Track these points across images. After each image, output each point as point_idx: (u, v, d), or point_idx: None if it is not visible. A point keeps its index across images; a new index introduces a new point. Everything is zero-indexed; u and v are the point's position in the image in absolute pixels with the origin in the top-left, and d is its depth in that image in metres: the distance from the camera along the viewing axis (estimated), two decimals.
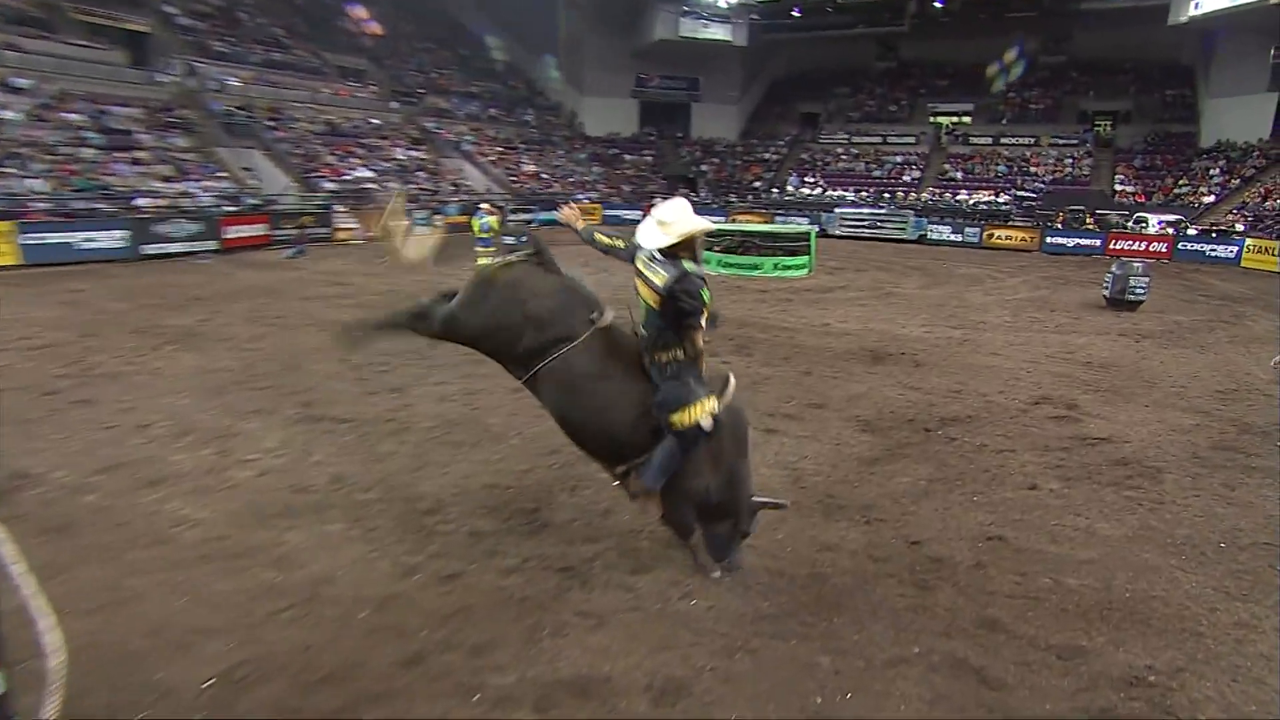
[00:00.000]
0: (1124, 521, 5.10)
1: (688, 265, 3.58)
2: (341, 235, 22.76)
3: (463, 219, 24.92)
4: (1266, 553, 4.69)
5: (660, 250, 3.70)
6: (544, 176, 35.60)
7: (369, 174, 27.16)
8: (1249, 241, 23.65)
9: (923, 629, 3.82)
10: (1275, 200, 26.75)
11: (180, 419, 6.48)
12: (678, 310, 3.59)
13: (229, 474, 5.40)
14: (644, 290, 3.82)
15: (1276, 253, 22.26)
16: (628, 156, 40.90)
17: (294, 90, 28.93)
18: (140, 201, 19.01)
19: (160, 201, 19.47)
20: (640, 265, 3.83)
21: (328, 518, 4.79)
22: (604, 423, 3.88)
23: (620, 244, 4.14)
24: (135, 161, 20.60)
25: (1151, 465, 6.13)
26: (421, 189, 28.38)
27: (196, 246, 18.64)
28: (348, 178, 26.19)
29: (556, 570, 4.26)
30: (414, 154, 30.62)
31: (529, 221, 27.18)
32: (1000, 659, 3.59)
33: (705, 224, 3.65)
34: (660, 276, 3.60)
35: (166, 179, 20.63)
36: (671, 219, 3.60)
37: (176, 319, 10.65)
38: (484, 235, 18.09)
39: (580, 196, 34.62)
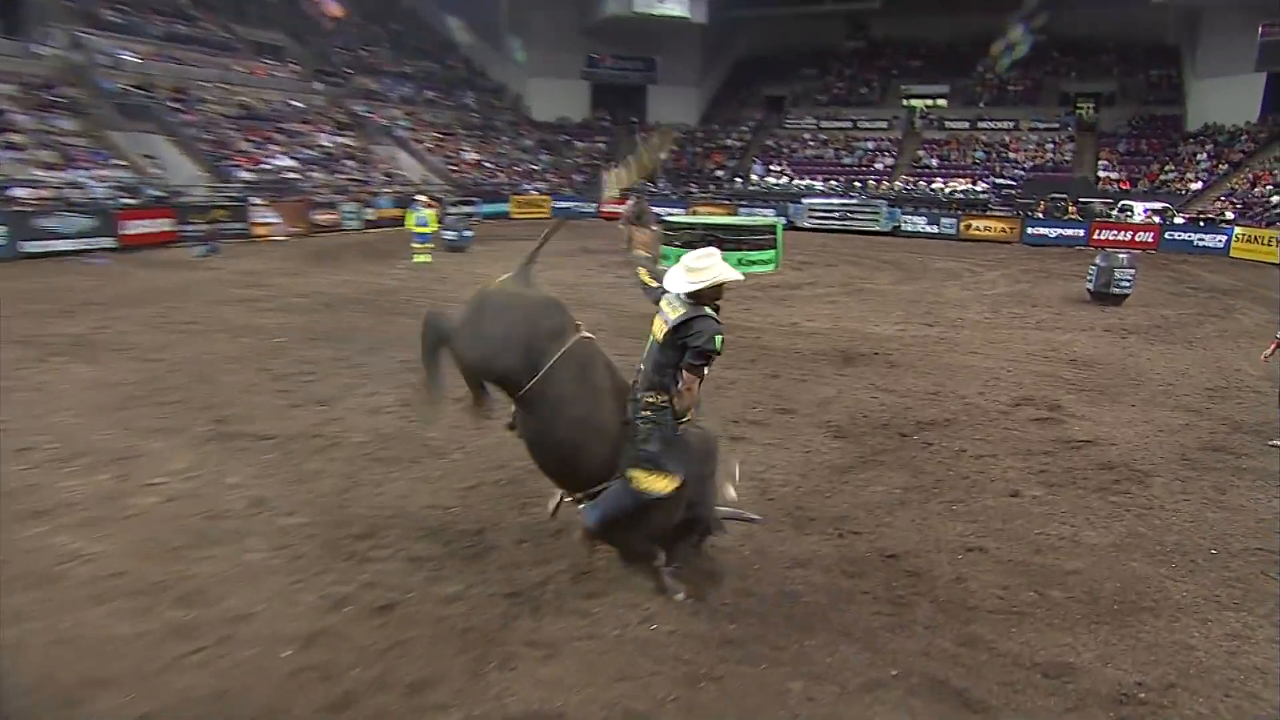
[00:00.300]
0: (1111, 529, 5.26)
1: (709, 310, 3.79)
2: (260, 231, 22.27)
3: (397, 213, 24.67)
4: (1259, 559, 4.88)
5: (685, 295, 3.84)
6: (487, 165, 35.39)
7: (290, 162, 26.65)
8: (1238, 230, 24.66)
9: (900, 649, 3.88)
10: (1265, 187, 27.99)
11: (70, 440, 6.26)
12: (683, 346, 3.74)
13: (129, 501, 5.23)
14: (656, 324, 3.98)
15: (1267, 242, 23.23)
16: (579, 143, 40.91)
17: (201, 68, 28.22)
18: (18, 192, 18.31)
19: (43, 192, 18.77)
20: (663, 304, 3.99)
21: (246, 546, 4.67)
22: (577, 449, 3.93)
23: (654, 285, 4.22)
24: (10, 146, 19.82)
25: (1139, 468, 6.34)
26: (350, 179, 27.95)
27: (89, 244, 18.04)
28: (266, 166, 25.66)
29: (504, 596, 4.23)
30: (341, 140, 30.15)
31: (470, 215, 26.96)
32: (983, 679, 3.67)
33: (734, 274, 3.85)
34: (676, 312, 3.80)
35: (49, 166, 19.91)
36: (700, 265, 3.77)
37: (66, 326, 10.28)
38: (421, 230, 17.93)
39: (527, 187, 34.53)
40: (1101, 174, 33.15)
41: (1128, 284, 14.19)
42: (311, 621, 3.97)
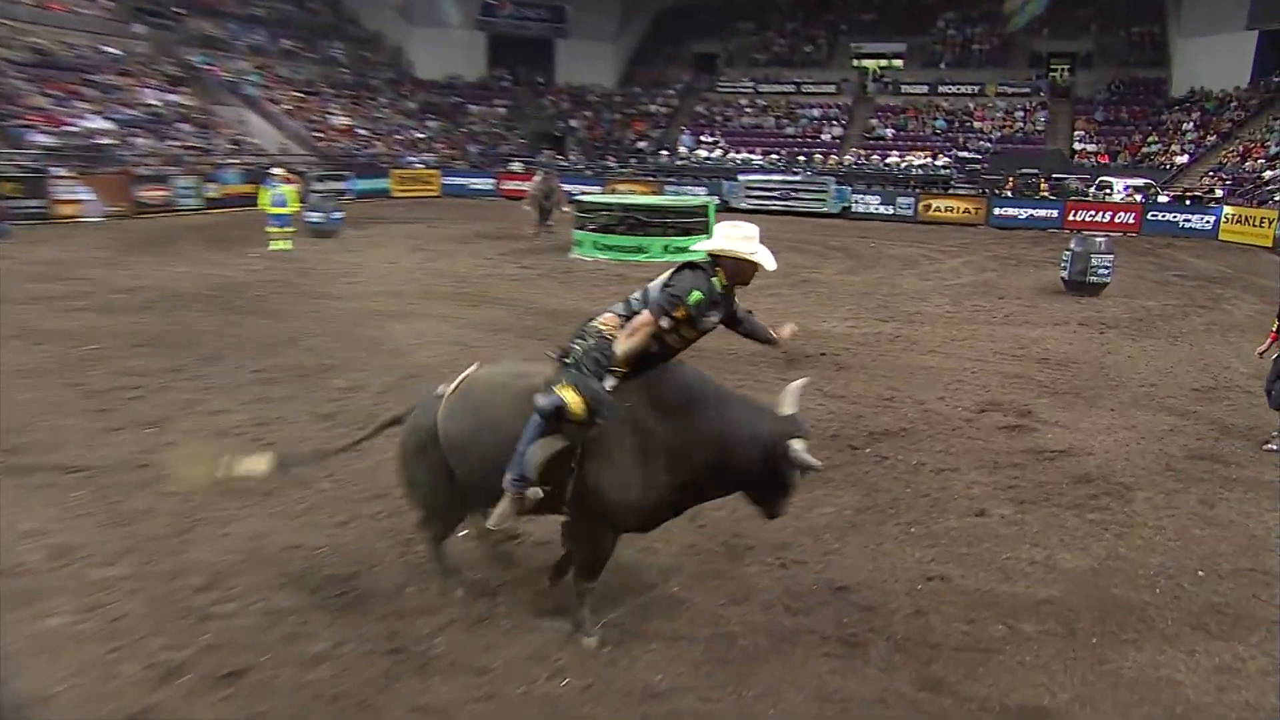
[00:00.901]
0: (1088, 551, 5.51)
1: (717, 283, 4.13)
2: (66, 210, 21.27)
3: (248, 189, 23.96)
4: (1249, 580, 5.17)
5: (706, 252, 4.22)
6: (361, 132, 34.76)
7: (105, 125, 25.55)
8: (1227, 210, 26.15)
9: (853, 696, 3.97)
10: (1257, 160, 29.83)
11: None
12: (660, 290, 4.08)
13: None
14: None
15: (1259, 223, 24.76)
16: (474, 107, 40.61)
17: None
18: None
19: None
20: None
21: (46, 609, 4.45)
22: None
23: None
24: None
25: (1119, 481, 6.66)
26: (185, 147, 26.99)
27: None
28: (72, 129, 24.52)
29: (383, 654, 4.16)
30: (173, 99, 29.10)
31: (340, 193, 26.43)
32: None
33: (762, 259, 4.20)
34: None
35: None
36: (742, 233, 4.23)
37: None
38: (278, 211, 17.48)
39: (410, 159, 34.04)
40: (1077, 146, 34.84)
41: (1106, 272, 14.93)
42: (134, 698, 3.81)
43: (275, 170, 19.20)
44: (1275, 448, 7.43)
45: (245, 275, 14.55)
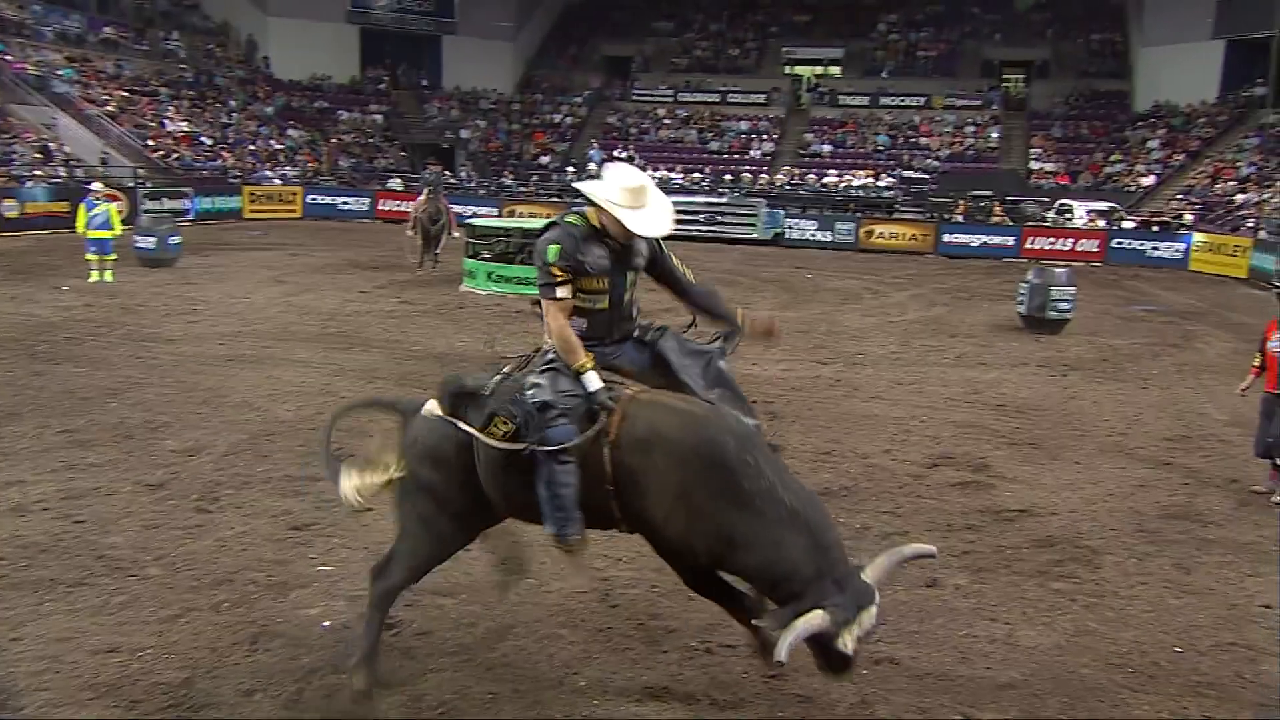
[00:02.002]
0: (1054, 625, 5.63)
1: (572, 218, 4.22)
2: None
3: (59, 208, 23.22)
4: (1231, 657, 5.35)
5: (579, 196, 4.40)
6: (204, 142, 34.08)
7: None
8: (1197, 237, 27.58)
9: None
10: (1227, 183, 31.55)
11: None
12: None
13: None
14: None
15: (1231, 251, 26.11)
16: (344, 114, 40.30)
17: None
18: None
19: None
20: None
21: None
22: None
23: None
24: None
25: (1086, 545, 6.85)
26: None
27: None
28: None
29: None
30: None
31: (179, 214, 25.81)
32: None
33: (631, 221, 4.11)
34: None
35: None
36: (633, 183, 4.17)
37: None
38: (98, 235, 17.00)
39: (267, 174, 33.51)
40: (1034, 165, 36.30)
41: (1067, 306, 15.50)
42: None
43: (95, 185, 18.71)
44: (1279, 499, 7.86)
45: (55, 314, 14.05)
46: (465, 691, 4.71)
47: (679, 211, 19.04)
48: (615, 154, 38.58)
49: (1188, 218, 29.50)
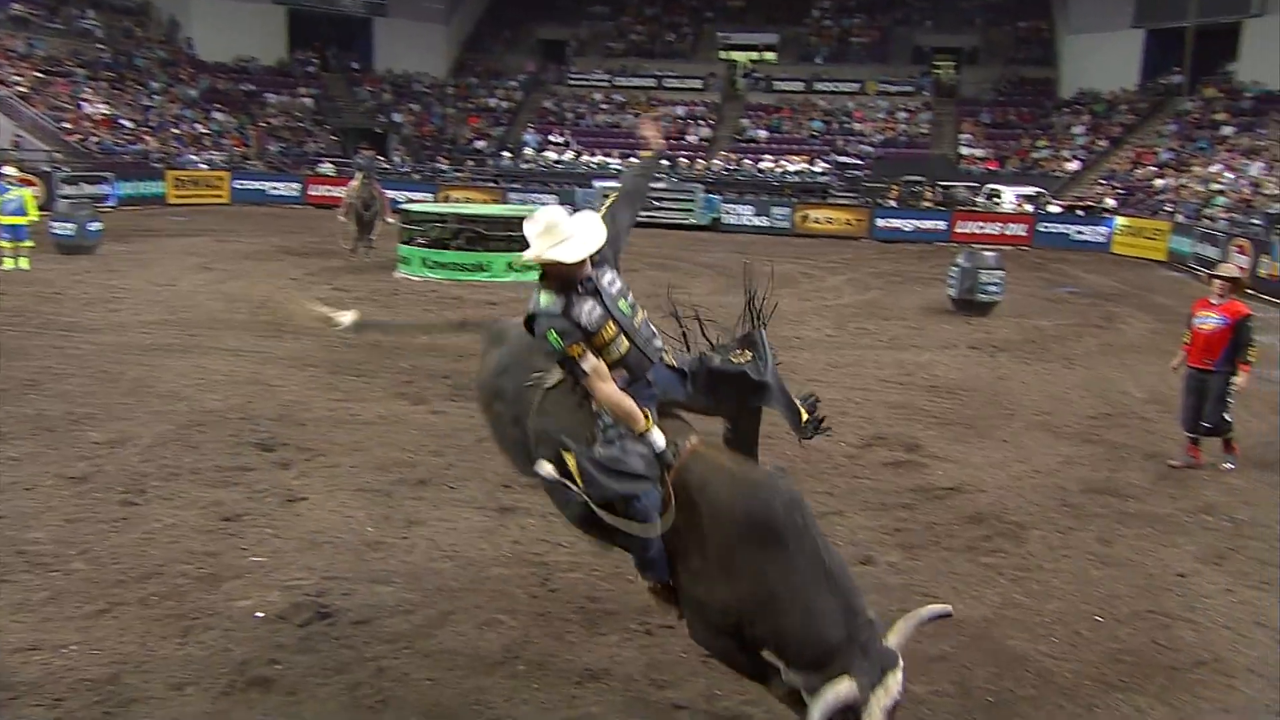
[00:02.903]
0: (982, 599, 5.80)
1: (543, 299, 3.96)
2: None
3: None
4: (1148, 624, 5.58)
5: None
6: (125, 124, 33.17)
7: None
8: (1120, 221, 28.38)
9: None
10: (1147, 168, 32.43)
11: None
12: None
13: None
14: None
15: (1152, 235, 26.90)
16: (272, 97, 39.54)
17: None
18: None
19: None
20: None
21: None
22: None
23: None
24: None
25: (1013, 520, 7.06)
26: None
27: None
28: None
29: None
30: None
31: (98, 199, 25.18)
32: None
33: (557, 254, 3.89)
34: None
35: None
36: (538, 228, 3.96)
37: None
38: (12, 221, 16.60)
39: (192, 158, 32.78)
40: (964, 151, 36.93)
41: (996, 289, 15.85)
42: None
43: (7, 169, 18.19)
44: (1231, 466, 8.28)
45: None
46: (404, 679, 4.72)
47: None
48: (550, 139, 38.41)
49: (1109, 202, 30.22)
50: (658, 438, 3.86)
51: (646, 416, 3.87)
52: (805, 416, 4.51)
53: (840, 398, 10.27)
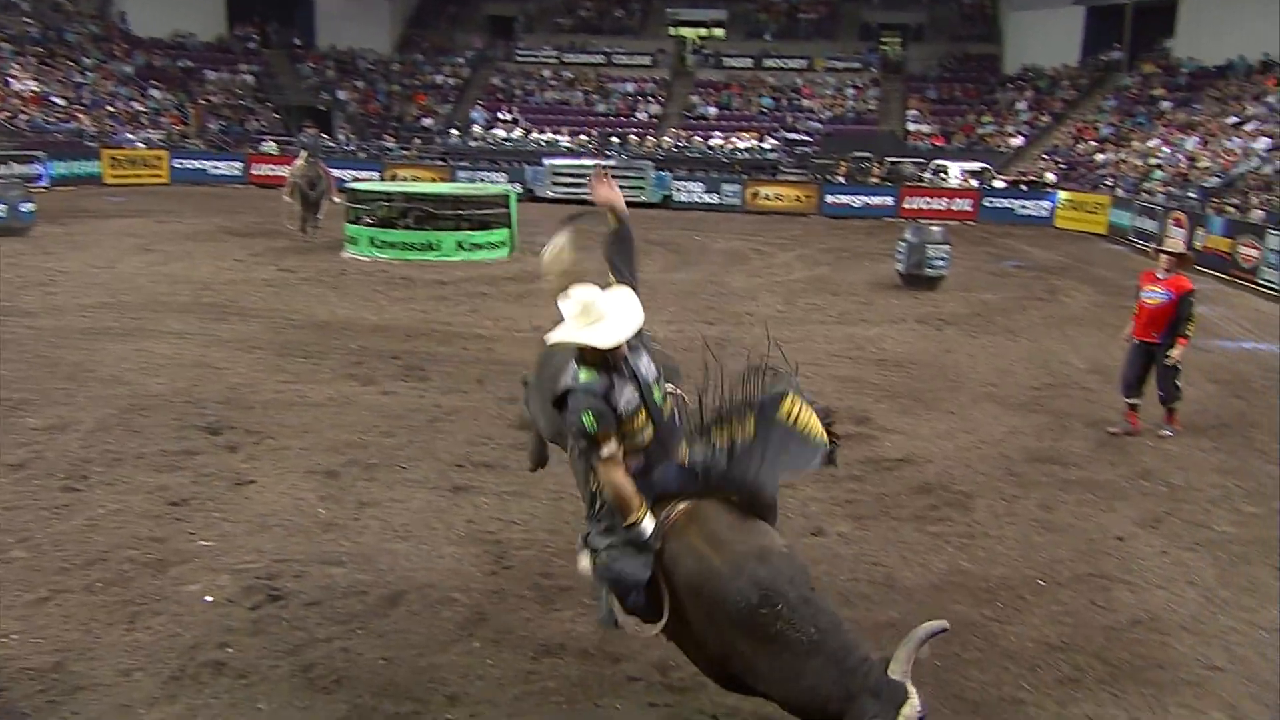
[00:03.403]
0: (930, 566, 5.95)
1: (584, 376, 3.81)
2: None
3: None
4: (1088, 586, 5.77)
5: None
6: (56, 102, 32.27)
7: None
8: (1063, 195, 28.81)
9: None
10: (1088, 143, 32.92)
11: None
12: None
13: None
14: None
15: (1093, 209, 27.35)
16: (212, 74, 38.73)
17: None
18: None
19: None
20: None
21: None
22: None
23: None
24: None
25: (959, 489, 7.23)
26: None
27: None
28: None
29: None
30: None
31: (30, 179, 24.60)
32: None
33: (588, 337, 3.73)
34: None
35: None
36: (573, 309, 3.81)
37: None
38: None
39: (129, 137, 32.07)
40: (911, 127, 37.25)
41: (943, 264, 16.08)
42: None
43: None
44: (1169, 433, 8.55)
45: None
46: (358, 658, 4.74)
47: (568, 175, 19.17)
48: (499, 116, 38.12)
49: (1049, 177, 30.66)
50: (647, 526, 3.76)
51: (641, 505, 3.76)
52: (825, 445, 4.47)
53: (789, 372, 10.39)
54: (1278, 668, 4.95)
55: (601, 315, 3.72)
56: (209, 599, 5.23)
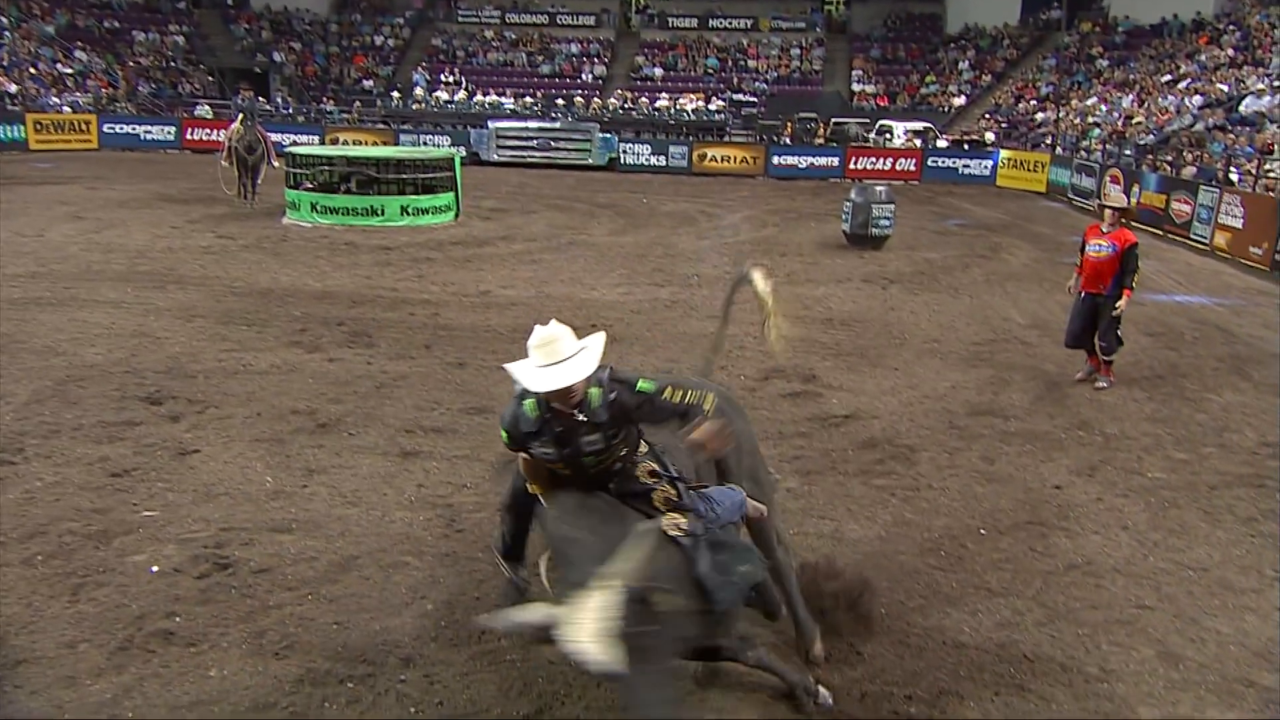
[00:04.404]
0: (875, 519, 6.09)
1: (527, 406, 3.77)
2: None
3: None
4: (1027, 534, 5.95)
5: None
6: None
7: None
8: (1004, 154, 29.25)
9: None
10: (1029, 102, 33.33)
11: None
12: None
13: None
14: None
15: (1033, 167, 27.82)
16: (141, 35, 37.74)
17: None
18: None
19: None
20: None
21: None
22: None
23: None
24: None
25: (904, 444, 7.38)
26: None
27: None
28: None
29: None
30: None
31: None
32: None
33: (529, 379, 3.63)
34: None
35: None
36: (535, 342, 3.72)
37: None
38: None
39: (54, 101, 31.15)
40: (856, 87, 37.44)
41: (887, 223, 16.27)
42: None
43: None
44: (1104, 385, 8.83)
45: None
46: (310, 623, 4.74)
47: (513, 138, 19.00)
48: (442, 78, 37.64)
49: (989, 136, 31.03)
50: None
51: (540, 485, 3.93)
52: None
53: (739, 332, 10.42)
54: (1202, 604, 5.16)
55: (558, 356, 3.63)
56: (155, 569, 5.19)
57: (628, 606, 3.12)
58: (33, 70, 32.48)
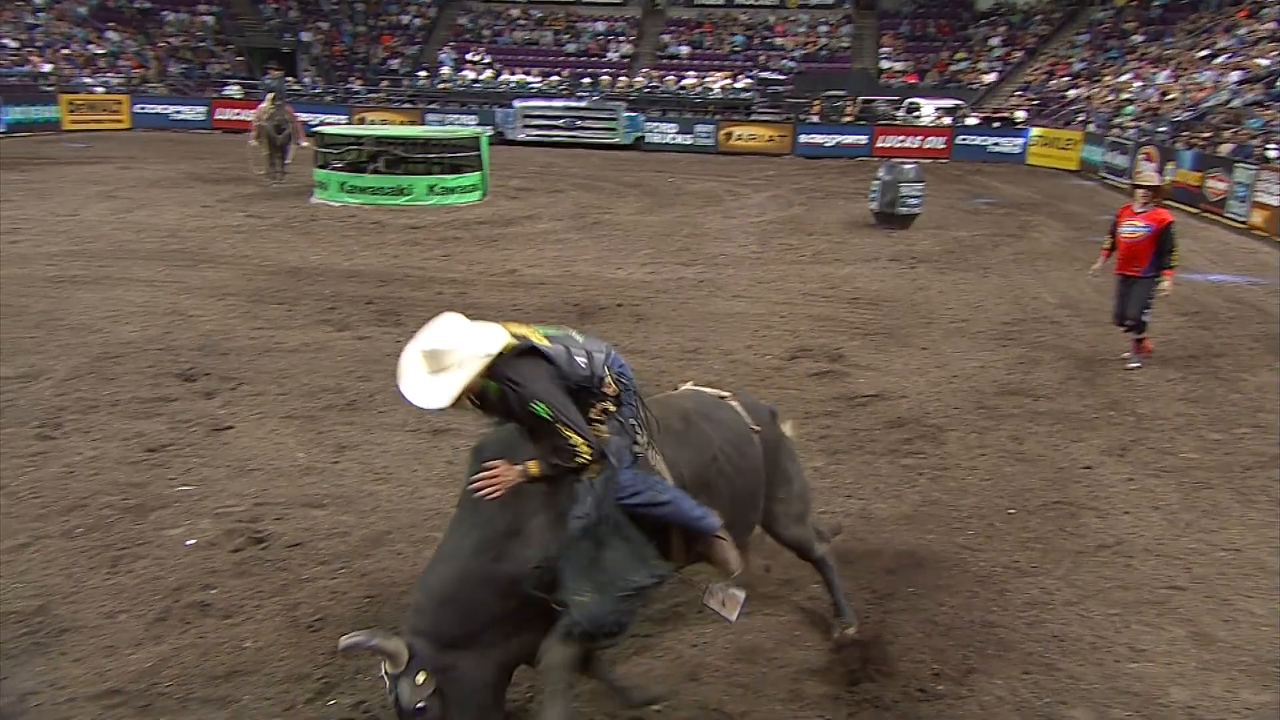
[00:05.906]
0: (903, 498, 6.09)
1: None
2: None
3: None
4: (1057, 514, 5.93)
5: None
6: (8, 44, 31.45)
7: None
8: (1034, 132, 28.90)
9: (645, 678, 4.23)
10: (1061, 79, 32.90)
11: None
12: None
13: None
14: None
15: (1064, 145, 27.50)
16: (171, 15, 37.93)
17: None
18: None
19: None
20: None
21: None
22: None
23: None
24: None
25: (932, 423, 7.36)
26: None
27: None
28: None
29: (90, 699, 3.99)
30: None
31: None
32: (763, 695, 4.13)
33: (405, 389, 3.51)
34: None
35: None
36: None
37: None
38: None
39: (87, 81, 31.38)
40: (884, 65, 37.04)
41: (916, 202, 16.12)
42: None
43: None
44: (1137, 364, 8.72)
45: None
46: (342, 597, 4.81)
47: (540, 117, 19.05)
48: (468, 57, 37.61)
49: (1020, 114, 30.69)
50: None
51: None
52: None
53: (765, 312, 10.47)
54: (1235, 585, 5.13)
55: (444, 365, 3.44)
56: (191, 542, 5.27)
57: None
58: (66, 51, 32.73)
